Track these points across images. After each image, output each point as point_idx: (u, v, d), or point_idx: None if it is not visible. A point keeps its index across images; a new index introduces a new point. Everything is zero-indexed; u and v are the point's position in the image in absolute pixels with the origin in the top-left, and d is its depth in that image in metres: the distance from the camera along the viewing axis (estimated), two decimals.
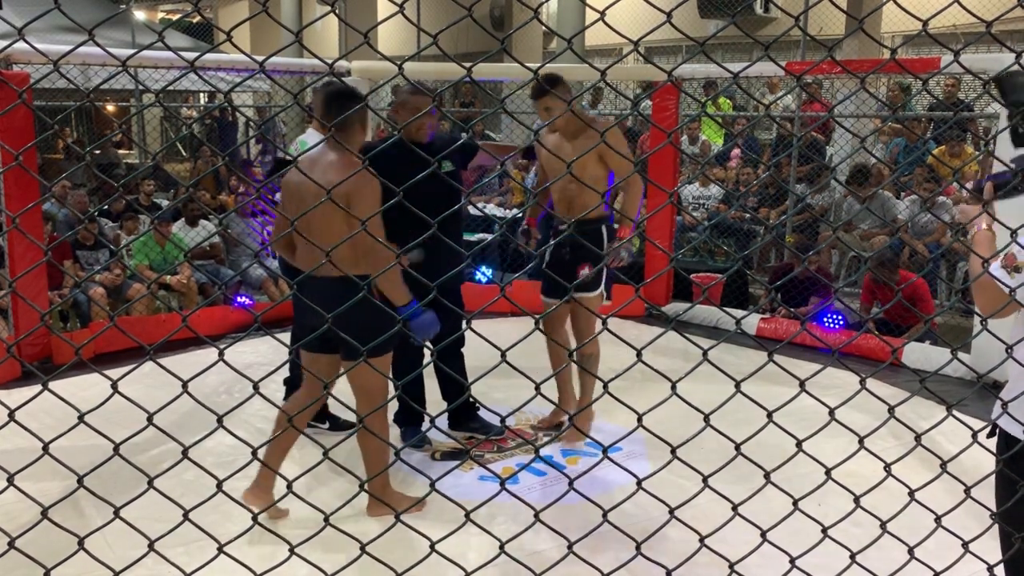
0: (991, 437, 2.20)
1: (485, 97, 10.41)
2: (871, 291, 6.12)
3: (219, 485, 1.45)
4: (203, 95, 14.63)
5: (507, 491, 1.53)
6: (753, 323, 6.34)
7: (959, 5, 1.49)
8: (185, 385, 1.42)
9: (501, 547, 1.51)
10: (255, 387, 1.43)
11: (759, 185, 7.97)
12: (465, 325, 1.45)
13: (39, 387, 1.42)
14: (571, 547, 1.55)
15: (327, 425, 4.48)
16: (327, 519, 1.47)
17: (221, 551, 1.48)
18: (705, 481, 1.54)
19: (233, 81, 7.81)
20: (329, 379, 3.31)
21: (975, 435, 1.85)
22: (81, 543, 1.54)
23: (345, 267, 2.83)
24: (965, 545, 1.72)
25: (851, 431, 1.68)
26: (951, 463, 1.71)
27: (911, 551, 1.67)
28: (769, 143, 9.26)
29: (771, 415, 1.52)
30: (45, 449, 1.51)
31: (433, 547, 1.50)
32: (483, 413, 4.29)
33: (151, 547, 1.48)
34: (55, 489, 3.42)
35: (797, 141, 7.80)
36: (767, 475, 1.60)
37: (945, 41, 1.76)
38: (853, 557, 1.67)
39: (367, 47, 1.37)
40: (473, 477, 3.87)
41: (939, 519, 1.68)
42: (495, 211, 8.23)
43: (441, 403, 4.21)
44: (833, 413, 1.60)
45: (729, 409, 1.59)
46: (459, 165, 4.19)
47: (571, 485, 1.54)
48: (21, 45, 1.87)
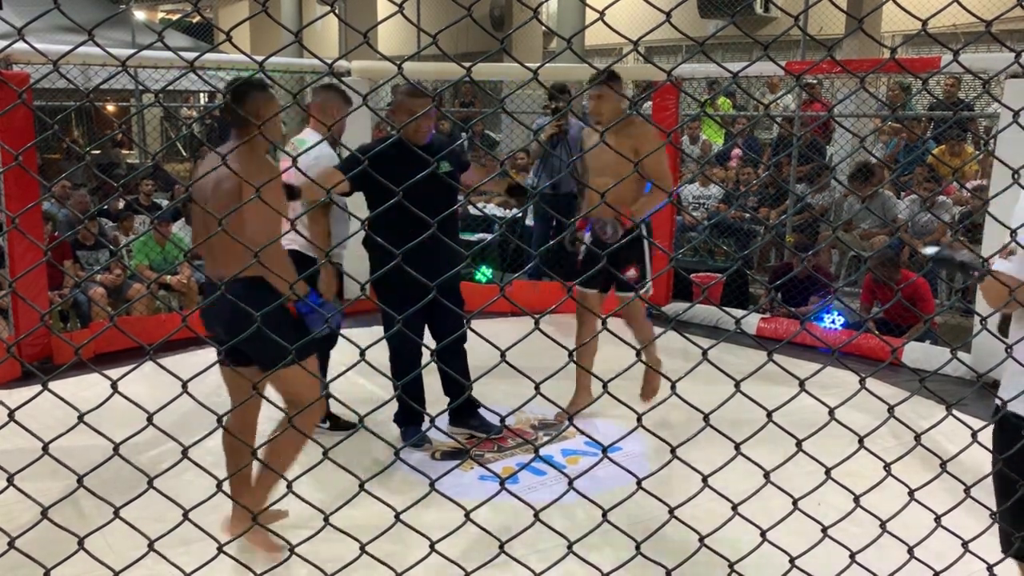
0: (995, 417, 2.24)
1: (485, 97, 10.41)
2: (871, 291, 6.12)
3: (219, 485, 1.45)
4: (203, 95, 14.62)
5: (507, 491, 1.53)
6: (753, 323, 6.34)
7: (959, 5, 1.49)
8: (185, 385, 1.42)
9: (501, 547, 1.51)
10: (255, 387, 1.43)
11: (759, 185, 7.97)
12: (465, 325, 1.45)
13: (39, 387, 1.42)
14: (571, 547, 1.55)
15: (327, 424, 4.48)
16: (327, 519, 1.47)
17: (221, 551, 1.48)
18: (705, 481, 1.54)
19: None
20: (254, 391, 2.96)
21: (975, 434, 1.85)
22: (81, 543, 1.54)
23: (242, 269, 2.69)
24: (965, 545, 1.72)
25: (851, 431, 1.68)
26: (951, 463, 1.71)
27: (911, 551, 1.67)
28: (769, 143, 9.26)
29: (771, 414, 1.52)
30: (45, 449, 1.51)
31: (433, 547, 1.51)
32: (483, 412, 4.30)
33: (151, 547, 1.48)
34: (55, 489, 3.42)
35: (797, 141, 7.80)
36: (767, 474, 1.60)
37: (945, 41, 1.77)
38: (853, 557, 1.67)
39: (367, 47, 1.37)
40: (473, 477, 3.87)
41: (939, 519, 1.68)
42: (495, 211, 8.23)
43: (441, 402, 4.23)
44: (833, 413, 1.60)
45: (729, 408, 1.59)
46: (456, 167, 4.21)
47: (571, 485, 1.54)
48: (21, 45, 1.87)
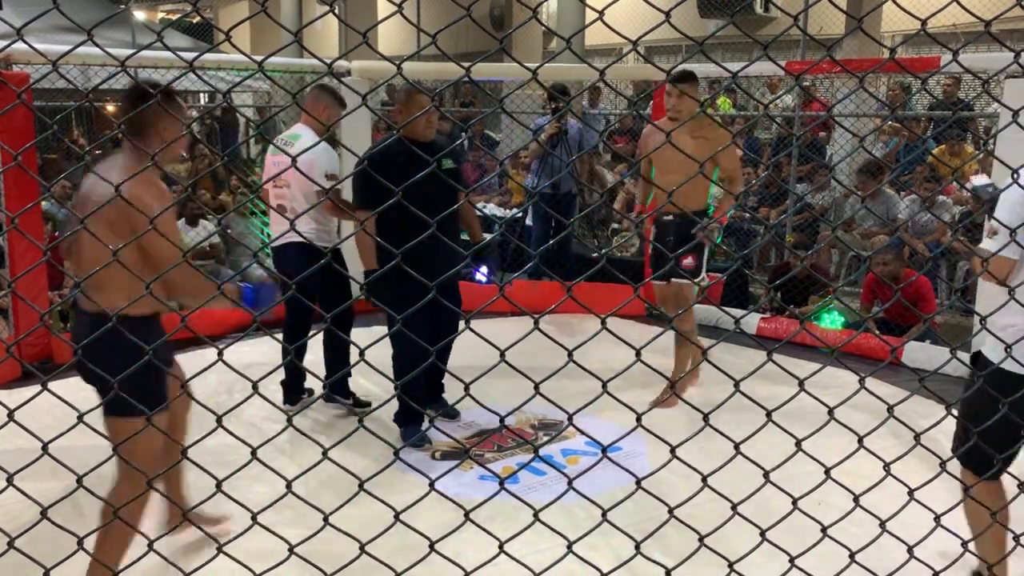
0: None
1: (485, 97, 10.40)
2: (872, 290, 6.11)
3: (218, 485, 1.45)
4: (203, 95, 14.61)
5: (506, 491, 1.53)
6: (753, 322, 6.34)
7: (958, 4, 1.49)
8: (184, 385, 1.42)
9: (500, 547, 1.51)
10: (254, 387, 1.43)
11: (759, 185, 7.97)
12: (463, 325, 1.46)
13: (39, 387, 1.42)
14: (570, 546, 1.55)
15: (351, 401, 4.57)
16: (327, 518, 1.47)
17: (220, 551, 1.48)
18: (705, 480, 1.54)
19: (233, 82, 7.81)
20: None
21: (975, 435, 1.85)
22: (81, 543, 1.54)
23: (115, 298, 2.33)
24: (964, 544, 1.72)
25: (850, 430, 1.68)
26: (950, 462, 1.71)
27: (911, 550, 1.67)
28: (769, 142, 9.25)
29: (770, 414, 1.52)
30: (45, 449, 1.51)
31: (432, 547, 1.51)
32: (481, 412, 4.30)
33: (151, 547, 1.49)
34: (55, 489, 3.40)
35: (797, 140, 7.79)
36: (766, 474, 1.60)
37: (945, 40, 1.77)
38: (853, 556, 1.67)
39: (367, 47, 1.37)
40: (473, 476, 3.87)
41: (939, 518, 1.68)
42: (495, 211, 8.22)
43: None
44: (832, 412, 1.60)
45: (728, 408, 1.59)
46: (460, 165, 4.24)
47: (570, 484, 1.54)
48: (20, 45, 1.87)
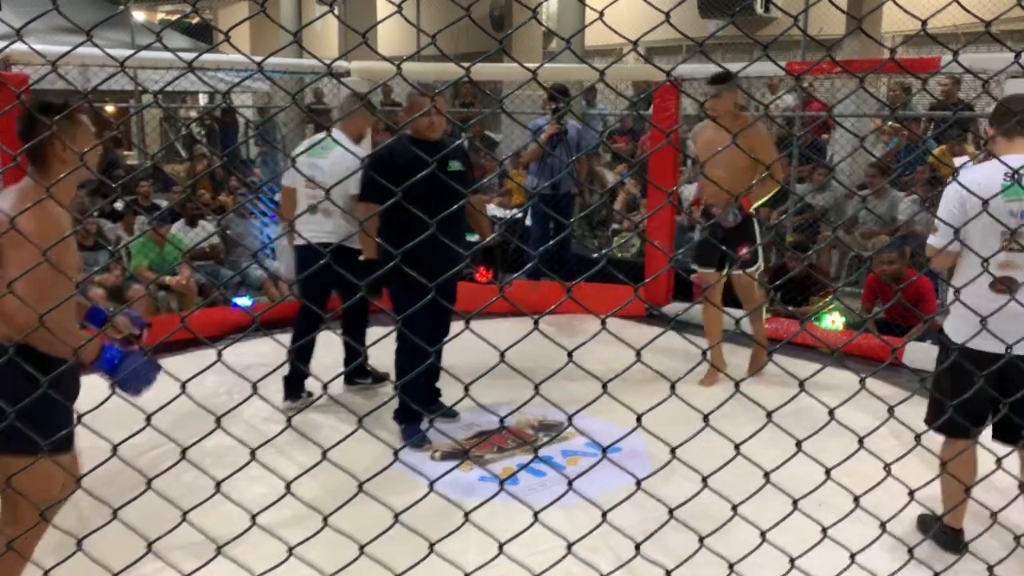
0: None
1: (485, 97, 10.40)
2: (873, 291, 6.10)
3: (218, 486, 1.45)
4: (202, 96, 14.61)
5: (506, 491, 1.53)
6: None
7: (959, 5, 1.49)
8: (183, 386, 1.42)
9: (500, 547, 1.51)
10: (254, 388, 1.43)
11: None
12: (464, 325, 1.45)
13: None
14: (570, 547, 1.54)
15: (370, 380, 4.64)
16: (326, 520, 1.47)
17: (220, 552, 1.48)
18: (705, 481, 1.54)
19: (232, 82, 7.82)
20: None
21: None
22: (79, 544, 1.53)
23: (9, 329, 2.24)
24: (965, 545, 1.72)
25: (851, 431, 1.68)
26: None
27: (911, 551, 1.67)
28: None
29: (771, 415, 1.52)
30: (44, 449, 1.50)
31: (432, 547, 1.50)
32: (481, 412, 4.31)
33: (150, 548, 1.48)
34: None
35: (797, 141, 7.79)
36: (767, 475, 1.60)
37: (945, 41, 1.76)
38: (853, 557, 1.67)
39: (366, 47, 1.36)
40: (473, 477, 3.86)
41: (939, 519, 1.68)
42: (495, 211, 8.21)
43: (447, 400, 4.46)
44: (833, 413, 1.60)
45: (729, 409, 1.59)
46: (468, 167, 4.25)
47: (570, 485, 1.54)
48: (20, 46, 1.87)
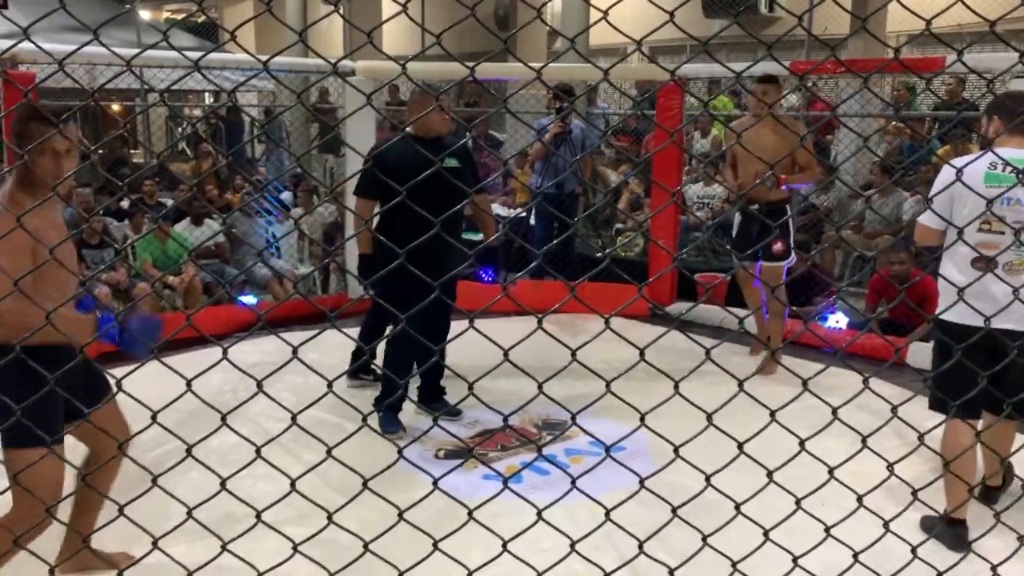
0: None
1: (489, 97, 10.40)
2: (878, 291, 6.08)
3: (223, 483, 1.46)
4: (208, 95, 14.65)
5: (510, 490, 1.53)
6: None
7: (963, 4, 1.49)
8: (189, 384, 1.42)
9: (504, 545, 1.52)
10: (259, 386, 1.44)
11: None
12: (468, 324, 1.46)
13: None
14: (573, 546, 1.55)
15: (372, 377, 4.77)
16: (330, 517, 1.48)
17: (225, 548, 1.49)
18: (708, 480, 1.54)
19: (238, 81, 7.83)
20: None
21: (978, 435, 1.85)
22: (86, 540, 1.54)
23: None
24: (969, 544, 1.72)
25: (854, 430, 1.68)
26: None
27: (914, 550, 1.67)
28: None
29: (774, 414, 1.52)
30: (50, 447, 1.51)
31: (436, 545, 1.51)
32: (485, 411, 4.31)
33: (155, 544, 1.49)
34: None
35: (801, 141, 7.77)
36: (770, 474, 1.60)
37: (950, 40, 1.76)
38: (856, 556, 1.67)
39: (371, 47, 1.37)
40: (477, 476, 3.87)
41: (943, 518, 1.68)
42: (499, 211, 8.22)
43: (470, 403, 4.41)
44: (836, 412, 1.60)
45: (732, 408, 1.59)
46: (467, 165, 4.25)
47: (574, 484, 1.54)
48: (27, 45, 1.88)
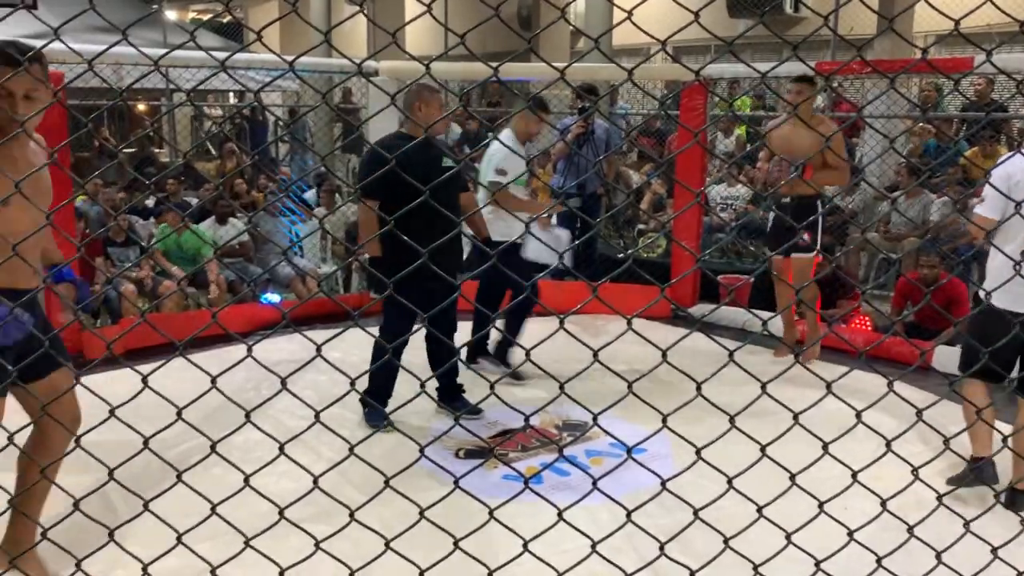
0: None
1: (512, 97, 10.41)
2: (903, 295, 6.02)
3: (247, 480, 1.47)
4: (232, 94, 14.77)
5: (531, 490, 1.53)
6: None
7: (992, 4, 1.48)
8: (214, 381, 1.44)
9: (524, 545, 1.52)
10: (283, 383, 1.45)
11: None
12: (489, 324, 1.46)
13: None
14: (595, 546, 1.55)
15: (498, 362, 4.99)
16: (352, 515, 1.48)
17: (248, 545, 1.50)
18: (730, 483, 1.54)
19: (263, 81, 7.89)
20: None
21: (1005, 440, 1.83)
22: (112, 535, 1.56)
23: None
24: (994, 551, 1.70)
25: (878, 434, 1.66)
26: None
27: (939, 556, 1.65)
28: None
29: (797, 417, 1.51)
30: (77, 442, 1.53)
31: (457, 544, 1.51)
32: (506, 411, 4.32)
33: (179, 540, 1.51)
34: (86, 482, 3.44)
35: (827, 142, 7.71)
36: (792, 477, 1.59)
37: (979, 41, 1.74)
38: (879, 561, 1.66)
39: (395, 47, 1.38)
40: (497, 476, 3.88)
41: (968, 524, 1.66)
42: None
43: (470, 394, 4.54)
44: (860, 416, 1.59)
45: (755, 410, 1.58)
46: (455, 163, 4.36)
47: (595, 485, 1.54)
48: (57, 45, 1.90)
